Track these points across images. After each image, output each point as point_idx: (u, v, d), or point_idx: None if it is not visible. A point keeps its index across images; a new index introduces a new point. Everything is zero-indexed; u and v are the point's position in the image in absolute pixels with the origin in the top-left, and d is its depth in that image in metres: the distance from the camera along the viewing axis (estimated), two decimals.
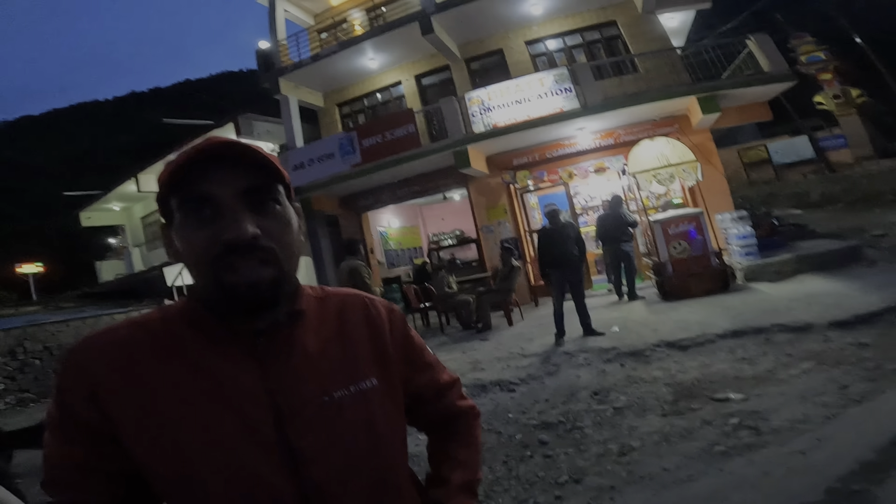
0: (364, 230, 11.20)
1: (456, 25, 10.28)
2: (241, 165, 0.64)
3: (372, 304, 0.81)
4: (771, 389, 3.46)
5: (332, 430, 0.67)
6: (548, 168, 9.79)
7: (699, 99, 8.27)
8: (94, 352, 0.65)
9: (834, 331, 4.36)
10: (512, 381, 4.76)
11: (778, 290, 6.17)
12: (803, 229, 9.39)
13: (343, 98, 12.23)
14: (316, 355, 0.70)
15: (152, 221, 18.45)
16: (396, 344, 0.79)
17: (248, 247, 0.61)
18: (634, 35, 10.05)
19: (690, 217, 7.20)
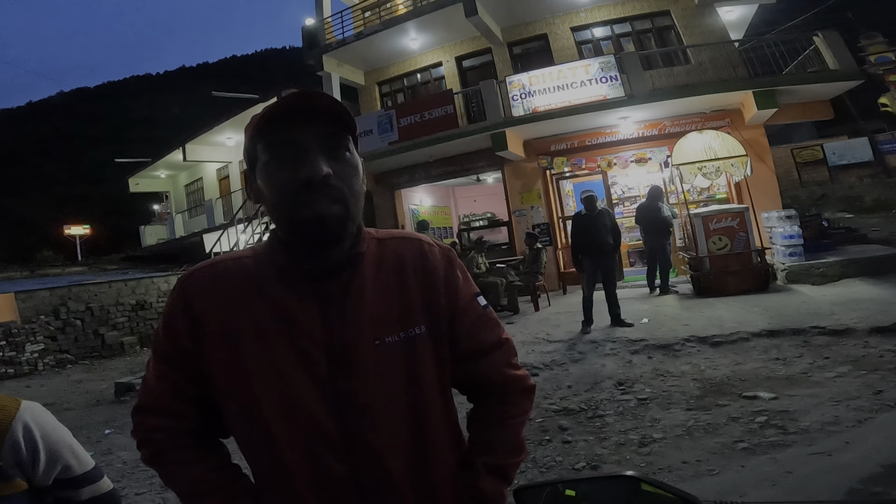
0: (396, 207, 11.30)
1: (500, 8, 10.14)
2: (319, 114, 0.69)
3: (430, 248, 0.80)
4: (803, 391, 3.37)
5: (379, 374, 0.70)
6: (586, 156, 9.59)
7: (755, 93, 7.92)
8: (197, 284, 0.74)
9: (875, 336, 4.20)
10: (535, 366, 4.78)
11: (820, 293, 5.94)
12: (853, 233, 8.94)
13: (383, 77, 12.31)
14: (371, 298, 0.72)
15: (195, 189, 19.17)
16: (448, 288, 0.78)
17: (321, 184, 0.66)
18: (689, 26, 9.68)
19: (734, 213, 7.00)
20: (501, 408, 0.80)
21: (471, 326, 0.79)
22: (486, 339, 0.81)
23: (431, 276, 0.77)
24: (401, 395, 0.71)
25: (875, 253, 7.07)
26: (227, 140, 15.77)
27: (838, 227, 9.25)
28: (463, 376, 0.81)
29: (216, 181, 17.69)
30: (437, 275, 0.78)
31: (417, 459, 0.72)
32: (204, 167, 17.64)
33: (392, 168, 10.81)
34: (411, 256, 0.78)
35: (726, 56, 8.97)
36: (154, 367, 0.76)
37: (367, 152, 9.78)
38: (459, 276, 0.81)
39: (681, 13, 9.77)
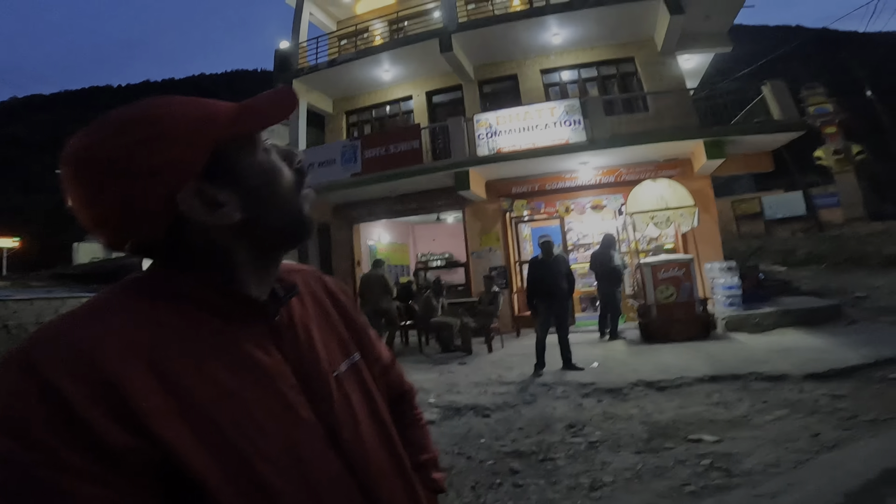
0: (354, 241, 11.13)
1: (474, 46, 10.45)
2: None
3: (328, 278, 0.79)
4: (744, 433, 3.45)
5: (349, 403, 0.66)
6: (546, 200, 9.82)
7: (706, 143, 8.23)
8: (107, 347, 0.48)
9: (810, 382, 4.41)
10: (487, 407, 4.71)
11: (757, 342, 6.23)
12: (787, 285, 9.57)
13: (352, 106, 12.35)
14: (312, 330, 0.68)
15: None
16: (356, 314, 0.78)
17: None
18: (650, 74, 10.17)
19: (681, 263, 7.28)
20: (413, 411, 0.88)
21: (376, 344, 0.82)
22: (387, 353, 0.86)
23: (342, 303, 0.77)
24: (370, 420, 0.68)
25: (807, 304, 7.54)
26: None
27: (773, 280, 9.87)
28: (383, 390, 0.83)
29: None
30: (344, 301, 0.77)
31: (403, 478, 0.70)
32: None
33: (352, 201, 10.68)
34: (320, 287, 0.76)
35: (682, 105, 9.40)
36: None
37: (327, 183, 9.66)
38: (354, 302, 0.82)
39: (644, 60, 10.30)
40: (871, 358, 4.77)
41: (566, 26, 9.96)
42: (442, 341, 8.00)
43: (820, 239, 16.26)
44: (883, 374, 4.41)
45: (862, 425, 3.35)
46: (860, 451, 2.91)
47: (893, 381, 4.24)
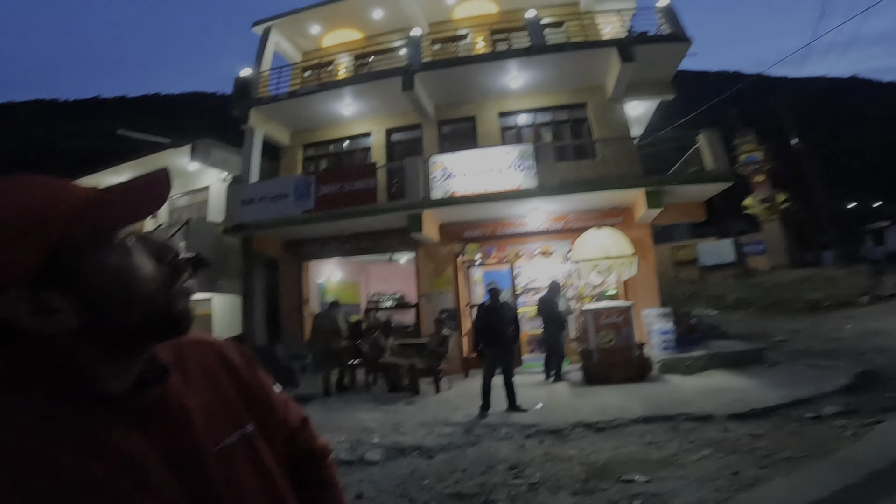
0: (303, 279, 10.88)
1: (436, 86, 10.60)
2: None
3: (226, 346, 0.78)
4: (673, 473, 3.61)
5: (234, 479, 0.63)
6: (497, 244, 9.96)
7: (647, 192, 8.47)
8: None
9: (733, 422, 4.70)
10: (432, 448, 4.70)
11: (688, 383, 6.58)
12: (717, 329, 10.19)
13: (310, 140, 12.14)
14: (193, 405, 0.65)
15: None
16: (253, 382, 0.76)
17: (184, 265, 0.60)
18: (599, 120, 10.48)
19: (621, 310, 7.63)
20: (326, 472, 0.85)
21: (282, 410, 0.80)
22: (296, 416, 0.84)
23: (237, 372, 0.74)
24: (265, 495, 0.66)
25: (734, 348, 8.04)
26: None
27: (705, 324, 10.47)
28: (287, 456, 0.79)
29: None
30: (242, 371, 0.75)
31: None
32: None
33: (303, 237, 10.51)
34: (213, 358, 0.73)
35: (627, 152, 9.74)
36: None
37: (278, 218, 9.46)
38: (257, 368, 0.79)
39: (595, 106, 10.60)
40: (788, 398, 5.15)
41: (525, 70, 10.28)
42: (389, 381, 7.92)
43: (747, 285, 17.46)
44: (799, 414, 4.77)
45: (778, 463, 3.60)
46: (775, 490, 3.12)
47: (808, 421, 4.59)
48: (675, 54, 10.09)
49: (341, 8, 12.25)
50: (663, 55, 9.95)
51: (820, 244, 24.26)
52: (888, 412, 4.54)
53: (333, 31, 12.97)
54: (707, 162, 8.79)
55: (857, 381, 5.66)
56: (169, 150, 12.51)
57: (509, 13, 12.03)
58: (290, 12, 12.68)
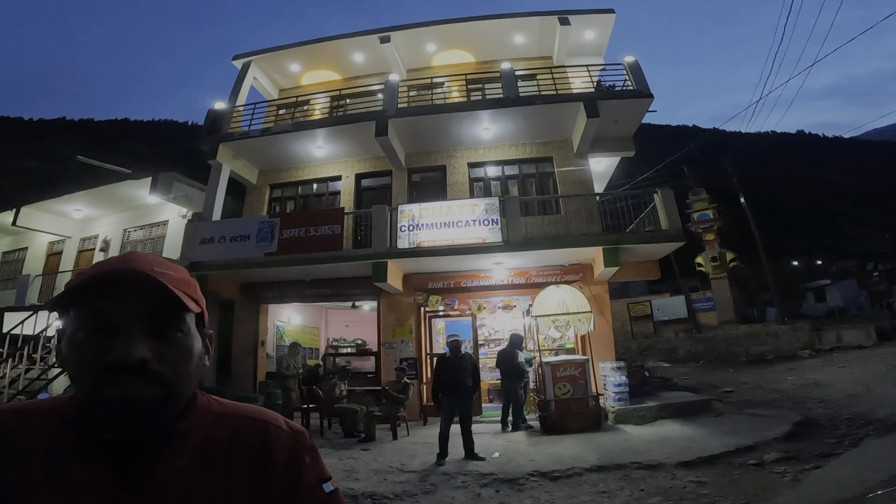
0: (260, 321, 10.58)
1: (409, 133, 10.72)
2: (148, 291, 0.64)
3: (276, 432, 0.74)
4: None
5: None
6: (460, 297, 9.96)
7: (604, 250, 8.59)
8: None
9: (680, 469, 4.84)
10: (385, 496, 4.59)
11: (640, 432, 6.74)
12: (668, 381, 10.50)
13: (278, 180, 11.99)
14: (186, 476, 0.65)
15: (13, 259, 15.82)
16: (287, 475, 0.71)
17: (134, 369, 0.61)
18: (565, 175, 10.65)
19: (578, 363, 7.85)
20: None
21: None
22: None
23: (269, 459, 0.71)
24: None
25: (683, 399, 8.34)
26: (75, 212, 13.68)
27: (656, 377, 10.78)
28: None
29: (44, 255, 14.84)
30: (278, 458, 0.71)
31: None
32: (34, 237, 14.82)
33: (262, 280, 10.27)
34: (250, 438, 0.71)
35: (588, 209, 9.91)
36: None
37: (237, 259, 9.23)
38: (307, 460, 0.74)
39: (561, 161, 10.78)
40: (732, 446, 5.37)
41: (497, 121, 10.50)
42: (345, 427, 7.72)
43: (697, 339, 18.18)
44: (741, 461, 4.97)
45: None
46: None
47: (750, 467, 4.78)
48: (638, 110, 10.37)
49: (324, 49, 12.53)
50: (626, 111, 10.22)
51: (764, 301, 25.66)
52: (825, 458, 4.80)
53: (313, 71, 13.20)
54: (662, 220, 8.92)
55: (796, 429, 5.98)
56: (128, 181, 12.05)
57: (485, 63, 12.58)
58: (272, 49, 12.79)
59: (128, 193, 12.51)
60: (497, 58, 12.38)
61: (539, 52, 12.66)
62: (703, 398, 8.34)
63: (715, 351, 16.47)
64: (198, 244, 9.43)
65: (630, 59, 10.69)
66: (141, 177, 11.84)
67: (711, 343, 17.09)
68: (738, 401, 8.77)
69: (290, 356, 8.65)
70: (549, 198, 10.53)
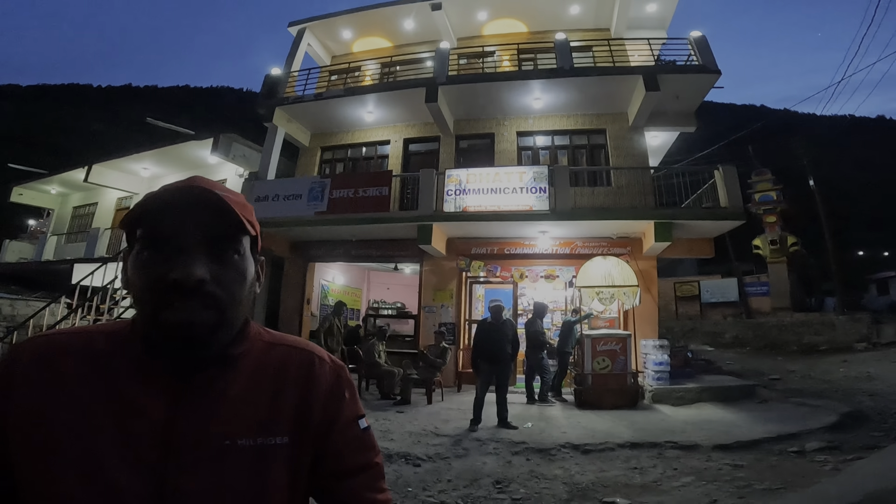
0: (307, 279, 10.98)
1: (459, 100, 10.67)
2: (212, 212, 0.66)
3: (320, 362, 0.77)
4: (653, 498, 3.69)
5: (220, 475, 0.64)
6: (503, 264, 9.95)
7: (656, 225, 8.39)
8: (26, 355, 0.66)
9: (717, 452, 4.76)
10: (419, 457, 4.75)
11: (677, 413, 6.65)
12: (711, 364, 10.21)
13: (329, 143, 12.28)
14: (235, 399, 0.68)
15: (84, 213, 17.16)
16: (329, 406, 0.75)
17: (192, 290, 0.62)
18: (618, 147, 10.39)
19: (619, 338, 7.72)
20: None
21: (344, 446, 0.75)
22: (357, 460, 0.76)
23: (312, 390, 0.74)
24: (239, 500, 0.65)
25: (725, 383, 8.12)
26: (143, 170, 14.68)
27: (700, 359, 10.49)
28: (326, 492, 0.75)
29: (113, 210, 15.95)
30: (320, 389, 0.74)
31: None
32: (104, 192, 15.95)
33: (311, 239, 10.62)
34: (296, 366, 0.75)
35: (642, 183, 9.56)
36: None
37: (289, 217, 9.57)
38: (346, 394, 0.78)
39: (614, 133, 10.52)
40: (773, 433, 5.21)
41: (549, 92, 10.29)
42: (382, 389, 8.01)
43: (746, 325, 17.41)
44: (781, 448, 4.83)
45: (755, 493, 3.67)
46: None
47: (789, 455, 4.65)
48: (702, 86, 10.02)
49: (375, 16, 12.53)
50: (689, 86, 9.85)
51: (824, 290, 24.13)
52: (870, 450, 4.60)
53: (364, 38, 13.28)
54: (721, 198, 8.63)
55: (843, 420, 5.72)
56: (191, 142, 12.80)
57: (538, 34, 12.14)
58: (325, 15, 13.07)
59: (191, 153, 13.25)
60: (551, 28, 11.90)
61: (595, 24, 12.10)
62: (746, 383, 8.07)
63: (764, 337, 15.75)
64: (253, 201, 9.83)
65: (696, 33, 10.10)
66: (204, 137, 12.50)
67: (761, 329, 16.33)
68: (785, 389, 8.44)
69: (335, 315, 8.95)
70: (599, 169, 10.25)
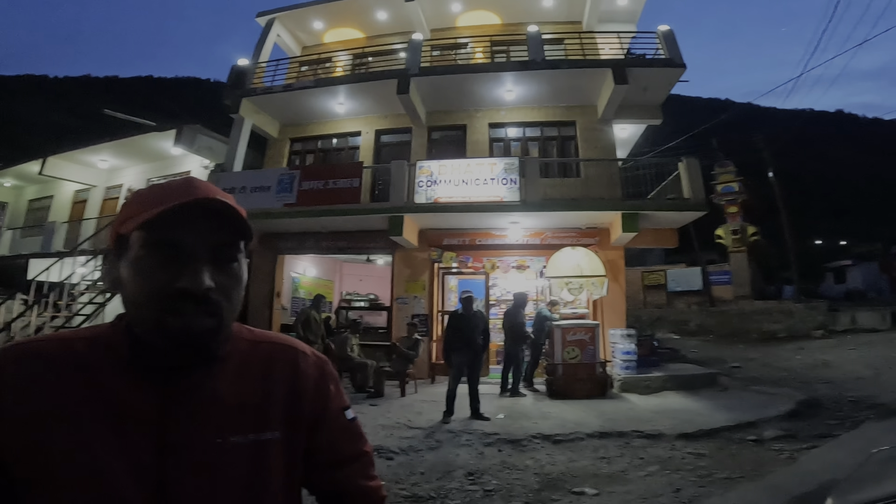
0: (277, 272, 10.79)
1: (431, 92, 10.65)
2: (219, 220, 0.67)
3: (304, 358, 0.79)
4: (620, 488, 3.80)
5: (214, 472, 0.66)
6: (474, 255, 10.04)
7: (623, 215, 8.59)
8: (10, 361, 0.64)
9: (681, 441, 4.94)
10: (392, 450, 4.76)
11: (644, 402, 6.86)
12: (677, 353, 10.56)
13: (298, 134, 12.12)
14: (225, 398, 0.69)
15: (40, 207, 16.35)
16: (316, 400, 0.77)
17: (200, 298, 0.63)
18: (587, 139, 10.61)
19: (588, 328, 7.87)
20: None
21: (333, 437, 0.79)
22: (347, 450, 0.81)
23: (299, 385, 0.76)
24: (236, 496, 0.67)
25: (689, 371, 8.40)
26: (101, 162, 14.11)
27: (666, 347, 10.82)
28: (319, 482, 0.79)
29: (70, 203, 15.34)
30: (307, 384, 0.77)
31: None
32: (60, 185, 15.32)
33: (280, 231, 10.42)
34: (282, 363, 0.76)
35: (609, 174, 9.82)
36: None
37: (258, 209, 9.34)
38: (332, 387, 0.80)
39: (584, 125, 10.73)
40: (733, 421, 5.44)
41: (520, 84, 10.39)
42: (355, 381, 7.98)
43: (710, 313, 18.07)
44: (741, 437, 5.04)
45: (716, 482, 3.82)
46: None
47: (748, 443, 4.86)
48: (669, 79, 10.25)
49: (347, 6, 12.33)
50: (657, 79, 10.06)
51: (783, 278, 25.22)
52: (823, 438, 4.85)
53: (336, 29, 13.07)
54: (685, 189, 8.90)
55: (799, 408, 6.01)
56: (153, 133, 12.38)
57: (511, 26, 12.16)
58: (295, 5, 12.73)
59: (153, 145, 12.82)
60: (524, 20, 11.96)
61: (568, 17, 12.20)
62: (709, 372, 8.38)
63: (727, 325, 16.38)
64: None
65: (664, 27, 10.31)
66: (166, 129, 12.13)
67: (724, 317, 16.97)
68: (745, 377, 8.81)
69: (314, 308, 8.80)
70: (569, 160, 10.44)
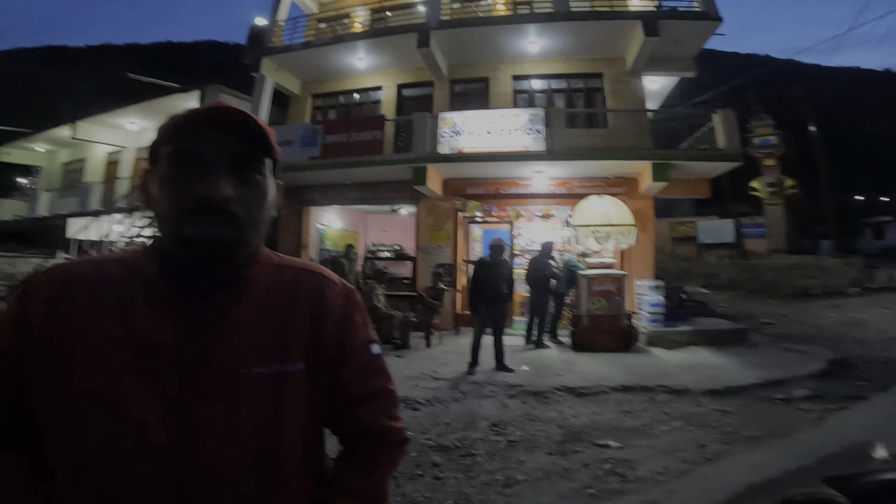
0: (303, 224, 10.99)
1: (452, 45, 10.42)
2: (238, 131, 0.67)
3: (331, 285, 0.78)
4: (644, 441, 3.84)
5: (236, 402, 0.65)
6: (499, 203, 10.03)
7: (654, 165, 8.45)
8: (42, 282, 0.67)
9: (706, 397, 4.92)
10: (417, 401, 4.88)
11: (670, 357, 6.82)
12: (705, 307, 10.38)
13: (320, 90, 12.12)
14: (250, 324, 0.68)
15: (74, 169, 17.17)
16: (341, 330, 0.76)
17: (218, 207, 0.63)
18: (615, 91, 10.36)
19: (614, 278, 7.71)
20: (372, 455, 0.78)
21: (357, 371, 0.77)
22: (371, 385, 0.79)
23: (325, 314, 0.74)
24: (256, 427, 0.66)
25: (718, 326, 8.27)
26: (129, 124, 14.50)
27: (694, 301, 10.63)
28: (339, 419, 0.78)
29: (103, 164, 15.99)
30: (332, 313, 0.75)
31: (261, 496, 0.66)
32: (92, 148, 15.90)
33: (305, 184, 10.51)
34: (308, 289, 0.75)
35: (639, 125, 9.58)
36: None
37: (283, 163, 9.38)
38: (357, 319, 0.79)
39: (612, 77, 10.42)
40: (761, 379, 5.37)
41: (544, 36, 10.06)
42: (380, 332, 8.14)
43: (741, 267, 17.55)
44: (768, 395, 4.99)
45: (741, 440, 3.82)
46: (733, 466, 3.33)
47: (775, 402, 4.81)
48: (702, 32, 9.85)
49: None
50: (690, 32, 9.69)
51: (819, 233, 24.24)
52: (853, 400, 4.76)
53: None
54: (719, 141, 8.71)
55: (829, 368, 5.88)
56: (177, 95, 12.65)
57: None
58: None
59: (178, 106, 12.96)
60: None
61: None
62: (738, 327, 8.23)
63: (759, 280, 15.93)
64: None
65: None
66: (189, 90, 12.43)
67: (756, 272, 16.47)
68: (776, 334, 8.63)
69: (345, 258, 8.87)
70: (595, 111, 10.15)
